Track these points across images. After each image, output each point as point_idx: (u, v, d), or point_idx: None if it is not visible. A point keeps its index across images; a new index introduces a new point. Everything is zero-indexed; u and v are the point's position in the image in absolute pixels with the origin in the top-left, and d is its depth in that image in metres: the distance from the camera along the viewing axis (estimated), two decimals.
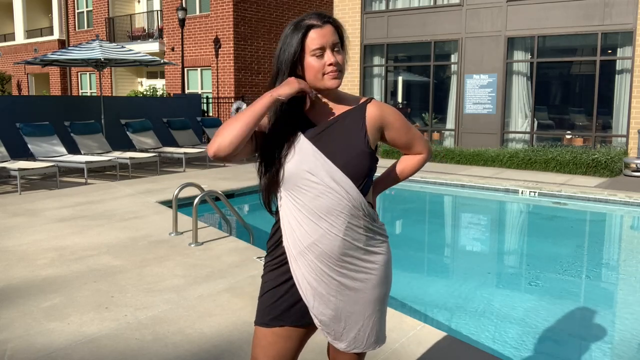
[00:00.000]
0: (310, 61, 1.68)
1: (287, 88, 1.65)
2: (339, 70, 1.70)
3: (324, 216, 1.70)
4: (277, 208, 1.80)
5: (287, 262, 1.77)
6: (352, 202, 1.70)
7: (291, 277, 1.77)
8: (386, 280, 1.84)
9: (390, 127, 1.81)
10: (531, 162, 11.03)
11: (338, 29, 1.73)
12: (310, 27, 1.68)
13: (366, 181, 1.74)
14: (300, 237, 1.72)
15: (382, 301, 1.84)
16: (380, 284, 1.81)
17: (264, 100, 1.64)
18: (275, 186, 1.75)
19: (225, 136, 1.60)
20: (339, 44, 1.72)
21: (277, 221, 1.81)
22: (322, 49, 1.68)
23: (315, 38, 1.67)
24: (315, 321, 1.79)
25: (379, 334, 1.86)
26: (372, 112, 1.77)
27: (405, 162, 1.97)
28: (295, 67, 1.70)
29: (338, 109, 1.77)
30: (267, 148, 1.73)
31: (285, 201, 1.75)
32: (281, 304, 1.77)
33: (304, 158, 1.70)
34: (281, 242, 1.79)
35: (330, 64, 1.68)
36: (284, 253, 1.78)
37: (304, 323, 1.80)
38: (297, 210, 1.73)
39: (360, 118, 1.75)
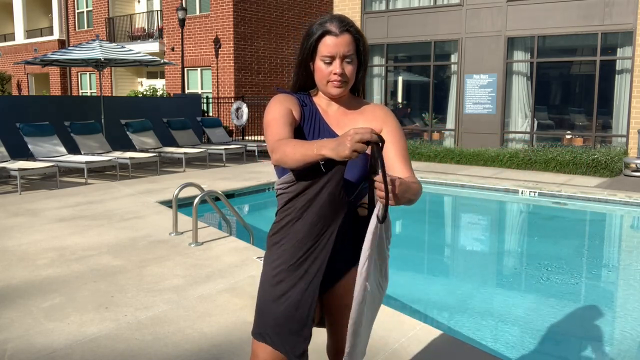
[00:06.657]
0: (319, 65, 1.74)
1: (333, 152, 1.40)
2: (344, 80, 1.74)
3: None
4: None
5: None
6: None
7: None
8: None
9: (388, 131, 1.80)
10: (531, 162, 11.03)
11: (357, 40, 1.75)
12: (326, 33, 1.71)
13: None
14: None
15: None
16: None
17: (311, 156, 1.47)
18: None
19: (286, 161, 1.53)
20: (353, 54, 1.73)
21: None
22: (332, 58, 1.72)
23: (327, 45, 1.71)
24: None
25: None
26: (378, 112, 1.84)
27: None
28: (308, 65, 1.79)
29: (350, 114, 1.83)
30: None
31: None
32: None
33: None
34: None
35: (335, 74, 1.72)
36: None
37: None
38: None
39: (372, 119, 1.82)
